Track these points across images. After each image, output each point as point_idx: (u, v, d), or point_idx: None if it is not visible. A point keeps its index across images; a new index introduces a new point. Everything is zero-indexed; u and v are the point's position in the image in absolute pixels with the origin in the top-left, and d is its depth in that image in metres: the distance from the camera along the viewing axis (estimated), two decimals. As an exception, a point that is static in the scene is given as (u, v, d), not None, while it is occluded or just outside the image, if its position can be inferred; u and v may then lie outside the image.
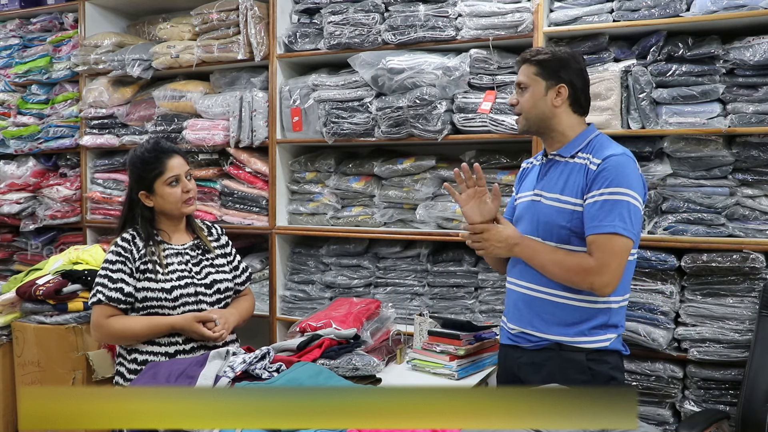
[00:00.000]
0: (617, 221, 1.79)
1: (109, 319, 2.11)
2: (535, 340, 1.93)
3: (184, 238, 2.28)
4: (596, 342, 1.88)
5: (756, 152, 2.39)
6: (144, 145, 2.25)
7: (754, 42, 2.35)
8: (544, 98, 1.92)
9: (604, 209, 1.80)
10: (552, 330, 1.90)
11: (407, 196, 2.92)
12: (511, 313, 2.01)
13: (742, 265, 2.35)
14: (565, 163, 1.93)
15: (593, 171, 1.84)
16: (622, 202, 1.80)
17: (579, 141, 1.93)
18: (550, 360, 1.90)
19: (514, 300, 2.00)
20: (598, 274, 1.79)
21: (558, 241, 1.88)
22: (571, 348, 1.88)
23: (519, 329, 1.97)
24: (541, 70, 1.92)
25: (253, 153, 3.25)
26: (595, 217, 1.81)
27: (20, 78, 3.89)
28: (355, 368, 1.97)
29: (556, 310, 1.89)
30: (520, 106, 1.96)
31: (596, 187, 1.83)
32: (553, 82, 1.91)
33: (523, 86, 1.95)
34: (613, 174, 1.82)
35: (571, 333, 1.88)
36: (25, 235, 3.93)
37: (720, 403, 2.38)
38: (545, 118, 1.93)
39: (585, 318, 1.87)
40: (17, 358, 2.83)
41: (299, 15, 3.12)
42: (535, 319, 1.92)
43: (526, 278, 1.95)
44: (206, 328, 2.12)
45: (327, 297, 3.09)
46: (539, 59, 1.92)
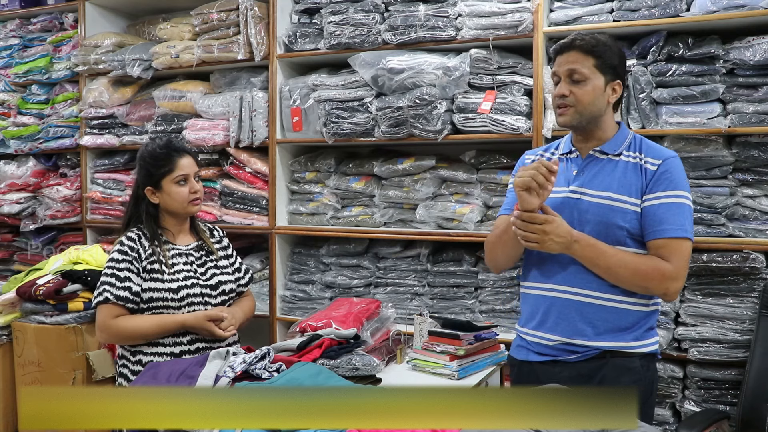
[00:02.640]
0: (686, 225, 1.73)
1: (116, 319, 2.10)
2: (582, 351, 1.79)
3: (188, 239, 2.28)
4: (648, 346, 1.81)
5: (756, 152, 2.39)
6: (156, 142, 2.25)
7: (754, 42, 2.35)
8: (603, 94, 1.81)
9: (671, 212, 1.73)
10: (605, 337, 1.78)
11: (407, 196, 2.92)
12: (548, 323, 1.84)
13: (742, 265, 2.35)
14: (608, 160, 1.83)
15: (652, 171, 1.77)
16: (685, 205, 1.75)
17: (620, 139, 1.85)
18: (600, 370, 1.78)
19: (552, 308, 1.83)
20: (675, 279, 1.71)
21: (613, 242, 1.76)
22: (626, 354, 1.78)
23: (563, 340, 1.81)
24: (601, 64, 1.79)
25: (253, 153, 3.25)
26: (663, 220, 1.73)
27: (20, 78, 3.89)
28: (355, 368, 1.97)
29: (609, 315, 1.78)
30: (573, 98, 1.80)
31: (659, 188, 1.76)
32: (611, 78, 1.81)
33: (579, 78, 1.79)
34: (674, 176, 1.76)
35: (627, 338, 1.78)
36: (25, 235, 3.93)
37: (720, 403, 2.38)
38: (598, 115, 1.82)
39: (638, 321, 1.79)
40: (17, 358, 2.83)
41: (299, 15, 3.12)
42: (587, 326, 1.79)
43: (572, 283, 1.80)
44: (216, 326, 2.14)
45: (327, 297, 3.09)
46: (599, 51, 1.79)
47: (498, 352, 2.28)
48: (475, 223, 2.79)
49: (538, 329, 1.86)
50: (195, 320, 2.13)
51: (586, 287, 1.79)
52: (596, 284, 1.78)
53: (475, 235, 2.78)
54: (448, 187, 2.90)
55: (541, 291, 1.87)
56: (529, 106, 2.68)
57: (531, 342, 1.89)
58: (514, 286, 2.78)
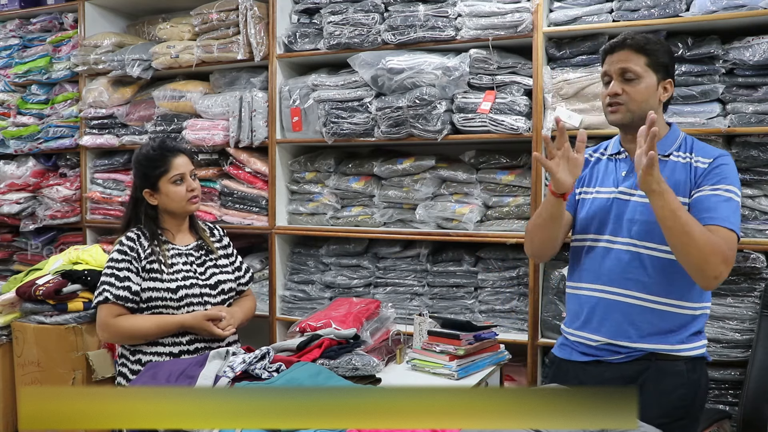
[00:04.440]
0: (733, 219, 1.69)
1: (116, 319, 2.11)
2: (626, 352, 1.79)
3: (188, 239, 2.28)
4: (694, 349, 1.78)
5: (755, 152, 2.39)
6: (150, 144, 2.26)
7: (753, 42, 2.35)
8: (655, 93, 1.78)
9: (719, 203, 1.69)
10: (649, 339, 1.76)
11: (407, 196, 2.92)
12: (593, 323, 1.83)
13: (742, 265, 2.35)
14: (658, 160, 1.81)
15: (703, 169, 1.75)
16: (733, 201, 1.72)
17: (671, 139, 1.82)
18: (643, 372, 1.77)
19: (597, 308, 1.83)
20: (728, 265, 1.65)
21: (660, 242, 1.73)
22: (670, 357, 1.76)
23: (606, 341, 1.80)
24: (653, 62, 1.77)
25: (253, 153, 3.25)
26: (713, 209, 1.69)
27: (20, 78, 3.89)
28: (355, 368, 1.97)
29: (654, 318, 1.77)
30: (626, 97, 1.77)
31: (709, 182, 1.73)
32: (663, 76, 1.79)
33: (631, 76, 1.77)
34: (725, 172, 1.74)
35: (672, 341, 1.76)
36: (25, 235, 3.93)
37: (720, 403, 2.39)
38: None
39: (683, 325, 1.77)
40: (17, 358, 2.83)
41: (299, 15, 3.12)
42: (630, 328, 1.78)
43: (617, 284, 1.80)
44: (215, 325, 2.14)
45: (327, 297, 3.09)
46: (651, 49, 1.77)
47: (498, 352, 2.28)
48: (474, 223, 2.79)
49: (582, 329, 1.86)
50: (193, 320, 2.13)
51: (631, 288, 1.78)
52: (641, 286, 1.77)
53: (474, 235, 2.78)
54: (447, 187, 2.90)
55: (586, 291, 1.86)
56: (528, 106, 2.68)
57: (574, 342, 1.88)
58: (514, 286, 2.78)
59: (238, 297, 2.36)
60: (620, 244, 1.81)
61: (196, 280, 2.20)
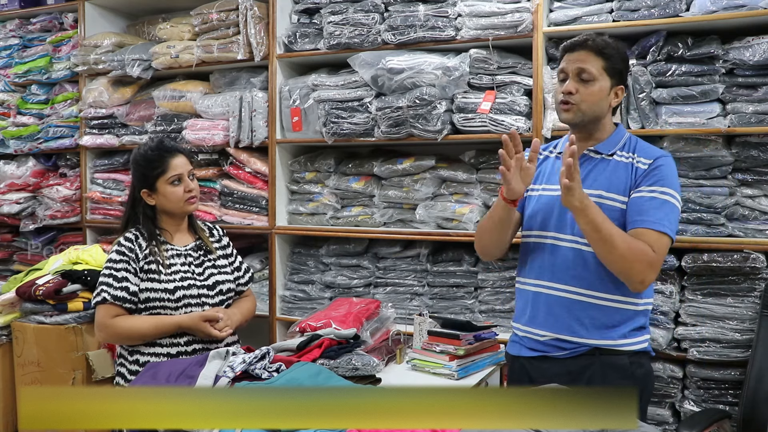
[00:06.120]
0: (666, 222, 1.74)
1: (114, 319, 2.11)
2: (571, 347, 1.83)
3: (186, 239, 2.28)
4: (637, 344, 1.83)
5: (755, 152, 2.39)
6: (148, 144, 2.26)
7: (753, 42, 2.35)
8: (607, 97, 1.84)
9: (653, 205, 1.75)
10: (593, 334, 1.81)
11: (407, 196, 2.92)
12: (539, 319, 1.88)
13: (742, 265, 2.35)
14: (601, 159, 1.87)
15: (643, 169, 1.80)
16: (669, 203, 1.76)
17: (615, 139, 1.88)
18: (589, 367, 1.81)
19: (542, 304, 1.88)
20: (654, 270, 1.73)
21: None
22: (614, 352, 1.81)
23: (552, 336, 1.85)
24: (610, 67, 1.82)
25: (253, 153, 3.25)
26: (645, 211, 1.75)
27: (20, 78, 3.88)
28: (355, 368, 1.97)
29: (597, 313, 1.81)
30: (579, 97, 1.82)
31: (646, 183, 1.78)
32: (617, 82, 1.84)
33: (587, 77, 1.81)
34: (664, 174, 1.78)
35: (614, 336, 1.81)
36: (25, 235, 3.93)
37: (719, 403, 2.38)
38: (600, 116, 1.85)
39: (625, 320, 1.82)
40: (17, 358, 2.83)
41: (299, 15, 3.12)
42: (575, 323, 1.82)
43: (561, 280, 1.84)
44: (212, 326, 2.14)
45: (327, 297, 3.09)
46: (609, 53, 1.81)
47: (498, 352, 2.28)
48: (474, 223, 2.78)
49: (529, 324, 1.91)
50: (190, 321, 2.13)
51: (574, 284, 1.83)
52: (584, 282, 1.82)
53: (474, 235, 2.77)
54: (447, 187, 2.90)
55: (532, 287, 1.91)
56: (528, 106, 2.68)
57: (523, 337, 1.93)
58: (514, 286, 2.78)
59: (237, 297, 2.35)
60: (565, 241, 1.86)
61: (194, 281, 2.20)
